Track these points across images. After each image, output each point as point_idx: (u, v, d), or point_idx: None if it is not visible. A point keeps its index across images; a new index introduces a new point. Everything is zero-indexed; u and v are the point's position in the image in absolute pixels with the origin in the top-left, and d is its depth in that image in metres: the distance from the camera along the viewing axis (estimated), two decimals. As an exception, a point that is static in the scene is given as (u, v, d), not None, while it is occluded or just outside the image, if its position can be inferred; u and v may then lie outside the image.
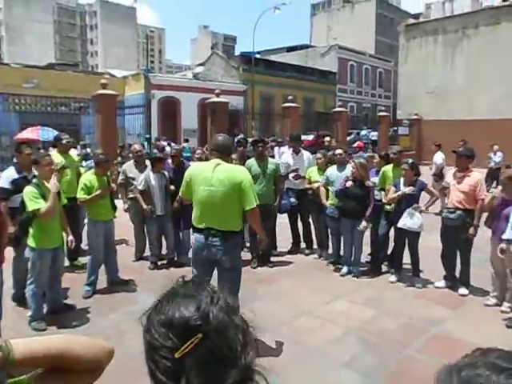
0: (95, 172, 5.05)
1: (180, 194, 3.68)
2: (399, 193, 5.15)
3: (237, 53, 33.97)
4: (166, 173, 6.10)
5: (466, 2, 24.90)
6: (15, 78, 21.29)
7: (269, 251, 6.22)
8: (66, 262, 5.97)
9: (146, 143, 16.27)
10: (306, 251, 6.74)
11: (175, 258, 6.26)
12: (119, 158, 11.37)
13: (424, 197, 5.37)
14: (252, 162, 6.13)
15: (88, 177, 5.03)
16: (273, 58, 34.84)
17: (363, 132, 26.19)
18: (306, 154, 6.92)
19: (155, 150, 16.09)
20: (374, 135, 25.14)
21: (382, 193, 5.77)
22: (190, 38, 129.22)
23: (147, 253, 6.28)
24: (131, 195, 6.02)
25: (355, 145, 23.19)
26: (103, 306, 4.69)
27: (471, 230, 4.81)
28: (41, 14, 64.93)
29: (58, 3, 78.21)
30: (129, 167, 6.24)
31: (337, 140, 19.08)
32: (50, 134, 12.33)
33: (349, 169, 5.77)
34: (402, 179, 5.31)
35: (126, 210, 6.25)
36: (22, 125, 17.21)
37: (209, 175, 3.34)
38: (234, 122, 21.12)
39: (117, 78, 26.26)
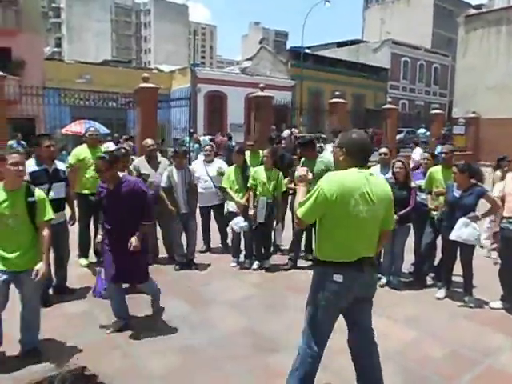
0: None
1: (301, 215, 2.54)
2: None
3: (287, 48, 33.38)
4: (191, 168, 5.80)
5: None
6: (69, 73, 22.03)
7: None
8: (93, 258, 5.82)
9: (187, 138, 16.15)
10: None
11: (195, 260, 5.87)
12: (158, 153, 11.27)
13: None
14: (301, 162, 5.68)
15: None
16: (323, 53, 34.00)
17: (421, 130, 24.60)
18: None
19: (197, 145, 16.00)
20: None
21: (429, 196, 5.14)
22: (241, 35, 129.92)
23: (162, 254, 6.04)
24: None
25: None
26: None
27: None
28: (99, 13, 67.20)
29: (115, 2, 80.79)
30: (141, 163, 5.82)
31: (385, 138, 18.18)
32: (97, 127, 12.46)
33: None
34: (455, 183, 4.66)
35: None
36: (74, 118, 17.68)
37: (367, 190, 2.49)
38: (282, 118, 20.70)
39: (164, 72, 26.57)
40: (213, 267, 5.80)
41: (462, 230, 4.42)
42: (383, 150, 5.70)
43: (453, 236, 4.46)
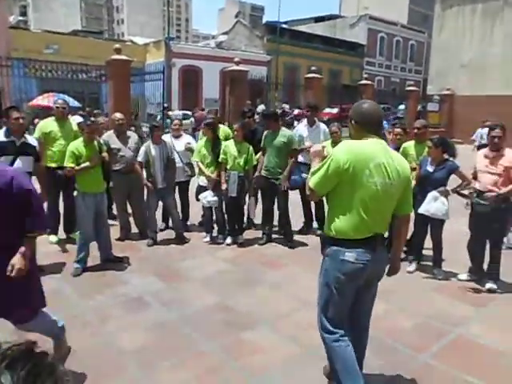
0: (83, 139, 4.62)
1: (313, 185, 2.39)
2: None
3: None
4: (168, 142, 5.71)
5: (510, -32, 22.95)
6: (36, 43, 21.06)
7: (289, 231, 5.89)
8: (63, 235, 5.70)
9: (162, 112, 15.80)
10: (318, 232, 6.24)
11: (184, 233, 5.87)
12: (132, 128, 10.97)
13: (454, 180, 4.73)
14: (265, 134, 5.79)
15: (76, 144, 4.60)
16: (300, 28, 33.57)
17: (401, 106, 24.49)
18: (321, 127, 6.33)
19: (168, 120, 15.67)
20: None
21: None
22: (218, 8, 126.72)
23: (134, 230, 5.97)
24: (117, 167, 5.56)
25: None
26: (90, 286, 4.33)
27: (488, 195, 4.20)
28: (66, -20, 64.13)
29: (84, -31, 77.21)
30: (110, 137, 5.63)
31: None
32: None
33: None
34: (429, 158, 4.69)
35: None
36: (41, 91, 16.98)
37: (383, 162, 2.31)
38: (258, 93, 20.44)
39: (138, 45, 25.76)
40: (186, 244, 5.75)
41: (430, 204, 4.46)
42: (334, 128, 5.78)
43: (421, 210, 4.50)
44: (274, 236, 6.06)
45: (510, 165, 4.19)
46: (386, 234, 2.68)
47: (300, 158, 6.24)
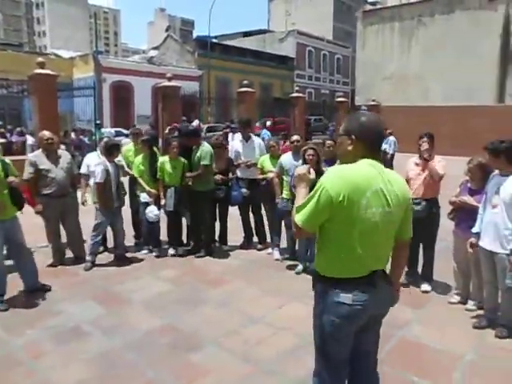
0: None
1: (301, 223, 2.00)
2: None
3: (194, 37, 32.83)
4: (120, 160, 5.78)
5: (423, -10, 25.00)
6: None
7: (209, 243, 6.02)
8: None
9: (94, 130, 15.17)
10: (259, 246, 6.27)
11: (127, 254, 5.77)
12: (62, 146, 10.39)
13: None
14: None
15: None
16: (230, 43, 33.96)
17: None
18: (256, 141, 6.42)
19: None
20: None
21: None
22: (147, 22, 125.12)
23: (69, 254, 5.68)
24: (47, 190, 5.23)
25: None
26: (18, 321, 3.96)
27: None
28: (-19, -9, 60.32)
29: (0, -21, 73.11)
30: (38, 158, 5.30)
31: (294, 126, 18.59)
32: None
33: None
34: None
35: (37, 212, 5.23)
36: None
37: (381, 187, 1.98)
38: (191, 108, 20.30)
39: (63, 58, 24.67)
40: (126, 265, 5.54)
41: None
42: (295, 137, 5.78)
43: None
44: (217, 249, 6.13)
45: (434, 164, 4.44)
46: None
47: (238, 174, 6.30)
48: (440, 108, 20.80)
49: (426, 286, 4.64)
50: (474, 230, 3.81)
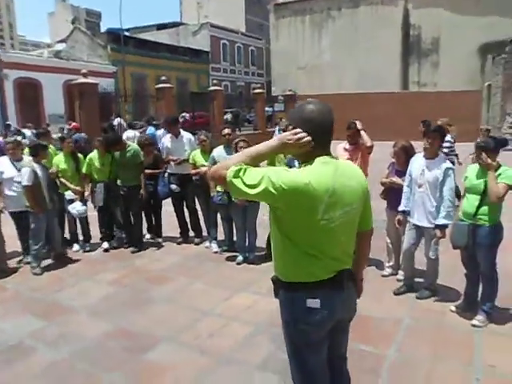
0: None
1: (234, 182, 1.73)
2: None
3: (103, 30, 31.13)
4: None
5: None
6: None
7: (140, 237, 6.17)
8: None
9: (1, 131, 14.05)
10: (196, 240, 6.32)
11: (66, 254, 5.77)
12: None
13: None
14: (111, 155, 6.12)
15: None
16: (142, 36, 32.93)
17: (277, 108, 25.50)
18: (186, 136, 6.41)
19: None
20: (268, 111, 24.40)
21: None
22: (47, 12, 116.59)
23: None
24: None
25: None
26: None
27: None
28: None
29: None
30: None
31: (213, 119, 18.56)
32: None
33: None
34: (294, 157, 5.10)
35: None
36: None
37: (337, 187, 1.80)
38: (107, 106, 19.45)
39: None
40: (57, 270, 5.35)
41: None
42: (226, 130, 5.85)
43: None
44: (154, 249, 6.17)
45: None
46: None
47: (169, 170, 6.29)
48: (352, 95, 21.99)
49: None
50: (401, 208, 4.19)
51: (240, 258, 5.44)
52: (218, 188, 5.52)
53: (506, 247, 3.94)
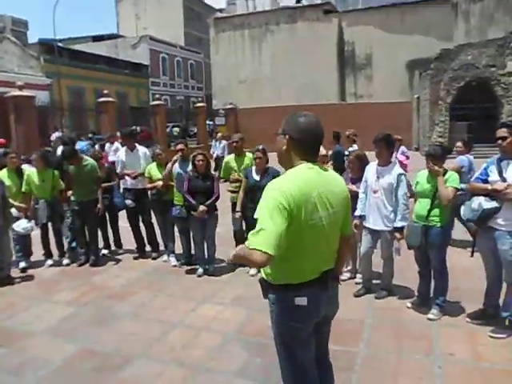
0: None
1: (272, 250, 1.77)
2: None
3: (31, 40, 29.54)
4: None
5: (267, 1, 26.94)
6: None
7: (93, 251, 6.05)
8: None
9: None
10: (153, 255, 6.25)
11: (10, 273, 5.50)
12: None
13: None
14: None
15: None
16: (78, 47, 31.82)
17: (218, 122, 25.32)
18: (141, 150, 6.37)
19: None
20: (210, 125, 24.26)
21: (227, 183, 5.73)
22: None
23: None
24: None
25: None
26: None
27: None
28: None
29: None
30: None
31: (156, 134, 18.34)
32: None
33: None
34: (253, 167, 5.23)
35: None
36: None
37: (323, 191, 1.96)
38: (43, 120, 18.56)
39: None
40: (5, 293, 5.06)
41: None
42: (180, 146, 5.90)
43: (256, 215, 4.98)
44: (111, 263, 6.06)
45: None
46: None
47: (124, 185, 6.24)
48: (291, 108, 22.55)
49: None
50: (357, 213, 4.43)
51: (200, 270, 5.44)
52: (175, 201, 5.53)
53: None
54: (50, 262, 6.01)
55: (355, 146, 8.04)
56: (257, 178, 5.17)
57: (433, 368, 3.20)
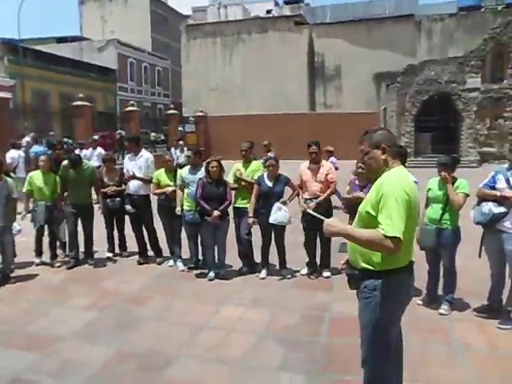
0: None
1: (400, 234, 2.12)
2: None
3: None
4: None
5: (239, 10, 27.31)
6: None
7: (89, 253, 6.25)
8: None
9: None
10: (158, 260, 6.31)
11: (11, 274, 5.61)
12: None
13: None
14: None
15: None
16: (42, 48, 30.84)
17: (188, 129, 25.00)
18: (145, 156, 6.43)
19: None
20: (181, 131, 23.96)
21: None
22: None
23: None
24: None
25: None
26: None
27: (311, 205, 5.20)
28: None
29: None
30: None
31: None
32: None
33: (203, 169, 5.62)
34: (265, 174, 5.46)
35: None
36: None
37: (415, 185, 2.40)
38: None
39: None
40: (16, 300, 5.00)
41: (277, 214, 5.23)
42: (188, 152, 6.07)
43: (270, 220, 5.23)
44: (115, 266, 6.20)
45: (327, 172, 5.34)
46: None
47: (129, 189, 6.27)
48: (262, 116, 22.95)
49: (327, 273, 5.45)
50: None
51: (211, 274, 5.55)
52: (186, 206, 5.65)
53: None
54: (37, 260, 6.17)
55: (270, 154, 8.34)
56: (270, 184, 5.40)
57: (456, 356, 3.52)
